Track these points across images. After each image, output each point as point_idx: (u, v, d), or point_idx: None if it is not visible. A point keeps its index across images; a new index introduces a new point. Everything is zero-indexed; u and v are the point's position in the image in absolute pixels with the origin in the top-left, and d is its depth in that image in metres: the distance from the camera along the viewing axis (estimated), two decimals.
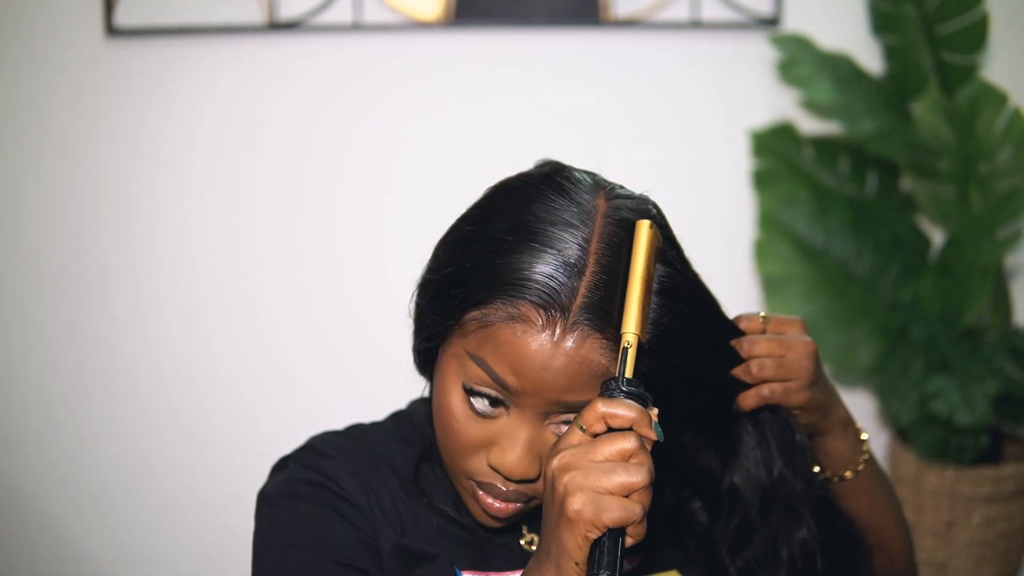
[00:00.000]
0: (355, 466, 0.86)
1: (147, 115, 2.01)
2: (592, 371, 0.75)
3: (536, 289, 0.74)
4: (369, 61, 2.02)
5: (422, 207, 2.03)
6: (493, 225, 0.79)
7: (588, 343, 0.74)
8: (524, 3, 1.99)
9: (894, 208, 2.06)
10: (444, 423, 0.80)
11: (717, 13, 2.01)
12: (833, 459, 0.93)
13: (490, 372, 0.76)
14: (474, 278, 0.77)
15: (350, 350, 2.09)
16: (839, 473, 0.94)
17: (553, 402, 0.76)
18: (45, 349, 2.08)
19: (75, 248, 2.05)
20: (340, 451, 0.87)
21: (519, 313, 0.74)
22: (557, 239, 0.76)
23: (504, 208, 0.80)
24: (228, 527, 2.07)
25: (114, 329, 2.08)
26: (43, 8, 1.97)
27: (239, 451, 2.08)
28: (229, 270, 2.08)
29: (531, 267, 0.75)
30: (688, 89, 2.06)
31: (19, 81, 2.00)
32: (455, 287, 0.78)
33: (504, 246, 0.76)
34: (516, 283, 0.75)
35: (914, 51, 1.93)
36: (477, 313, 0.76)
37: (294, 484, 0.84)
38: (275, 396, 2.10)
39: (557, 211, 0.77)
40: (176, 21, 1.96)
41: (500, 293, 0.75)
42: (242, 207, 2.06)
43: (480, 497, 0.81)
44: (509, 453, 0.78)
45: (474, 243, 0.79)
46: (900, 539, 1.01)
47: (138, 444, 2.10)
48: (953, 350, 1.90)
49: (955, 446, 1.91)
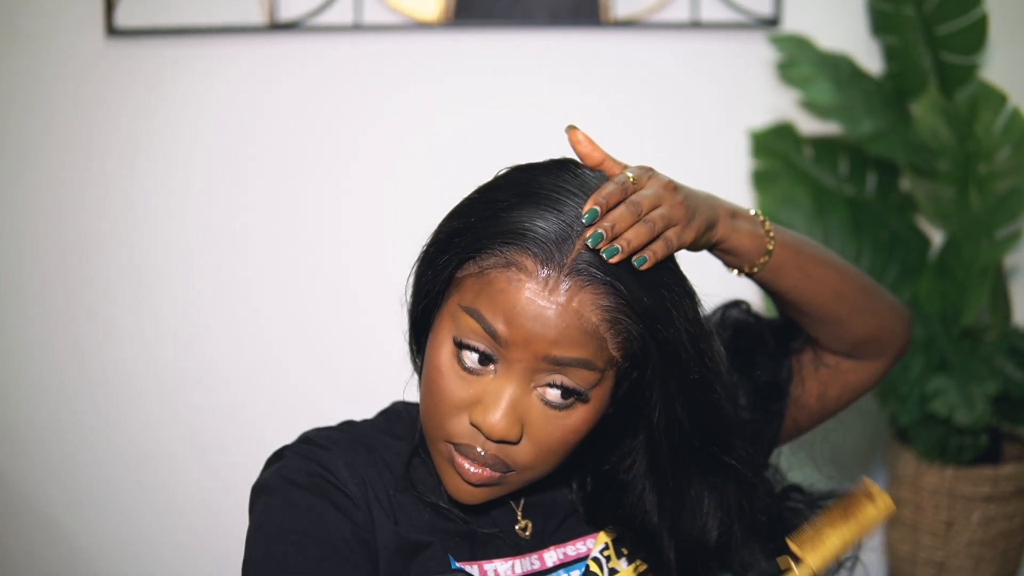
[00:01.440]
0: (350, 458, 0.86)
1: (147, 115, 2.02)
2: (582, 327, 0.75)
3: (533, 238, 0.76)
4: (369, 61, 2.02)
5: (422, 207, 2.02)
6: (496, 192, 0.81)
7: (580, 297, 0.75)
8: (524, 3, 1.99)
9: (893, 208, 2.06)
10: (431, 383, 0.80)
11: (717, 13, 2.02)
12: (741, 254, 0.89)
13: (482, 321, 0.77)
14: (473, 230, 0.78)
15: (350, 350, 2.10)
16: (756, 262, 0.90)
17: (541, 356, 0.76)
18: (44, 348, 2.08)
19: (75, 248, 2.06)
20: (335, 443, 0.87)
21: (515, 260, 0.76)
22: (559, 202, 0.78)
23: (510, 179, 0.83)
24: (226, 526, 2.06)
25: (114, 328, 2.08)
26: (43, 8, 1.97)
27: (238, 451, 2.07)
28: (229, 270, 2.08)
29: (531, 220, 0.77)
30: (688, 89, 2.06)
31: (19, 81, 2.00)
32: (455, 238, 0.80)
33: (506, 204, 0.79)
34: (514, 232, 0.76)
35: (913, 51, 1.94)
36: (474, 267, 0.78)
37: (289, 473, 0.84)
38: (274, 396, 2.10)
39: (562, 183, 0.80)
40: (176, 21, 1.97)
41: (498, 241, 0.77)
42: (242, 207, 2.06)
43: (457, 461, 0.80)
44: (492, 410, 0.77)
45: (476, 204, 0.81)
46: (852, 296, 0.96)
47: (137, 443, 2.11)
48: (952, 350, 1.90)
49: (954, 446, 1.91)
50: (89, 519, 2.13)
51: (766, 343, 1.01)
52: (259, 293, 2.08)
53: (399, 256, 0.88)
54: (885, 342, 1.00)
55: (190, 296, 2.08)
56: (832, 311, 0.95)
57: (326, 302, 2.09)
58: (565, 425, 0.79)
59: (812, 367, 1.01)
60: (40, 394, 2.09)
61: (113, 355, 2.08)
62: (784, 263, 0.91)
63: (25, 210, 2.04)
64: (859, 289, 0.97)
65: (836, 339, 0.98)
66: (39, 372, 2.09)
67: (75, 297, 2.07)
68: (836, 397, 1.02)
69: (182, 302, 2.08)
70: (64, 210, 2.04)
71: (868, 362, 1.01)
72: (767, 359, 1.00)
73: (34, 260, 2.06)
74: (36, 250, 2.06)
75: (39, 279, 2.06)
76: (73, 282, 2.06)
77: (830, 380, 1.01)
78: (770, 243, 0.90)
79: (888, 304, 1.01)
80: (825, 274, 0.94)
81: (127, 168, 2.03)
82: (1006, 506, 1.92)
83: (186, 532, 2.13)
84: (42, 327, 2.08)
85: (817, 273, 0.94)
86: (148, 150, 2.03)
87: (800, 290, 0.93)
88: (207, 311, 2.08)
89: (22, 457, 2.11)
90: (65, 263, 2.06)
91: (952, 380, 1.84)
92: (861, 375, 1.02)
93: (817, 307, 0.95)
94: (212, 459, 2.11)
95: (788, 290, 0.93)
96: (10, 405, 2.10)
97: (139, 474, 2.11)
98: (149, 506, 2.12)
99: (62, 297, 2.07)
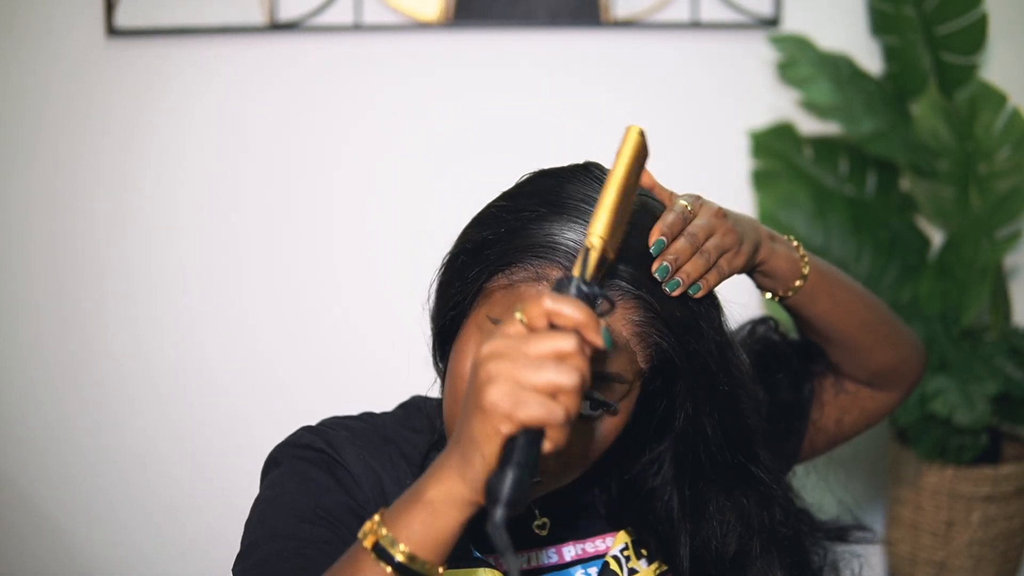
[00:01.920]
0: (362, 444, 0.87)
1: (147, 115, 2.01)
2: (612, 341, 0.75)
3: (564, 251, 0.76)
4: (369, 61, 2.02)
5: (422, 207, 2.03)
6: (525, 200, 0.81)
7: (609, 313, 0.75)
8: (524, 3, 1.99)
9: (893, 208, 2.06)
10: (455, 391, 0.79)
11: (717, 13, 2.02)
12: (778, 277, 0.91)
13: None
14: (504, 241, 0.78)
15: (343, 353, 2.09)
16: (791, 286, 0.92)
17: None
18: (38, 348, 2.08)
19: (75, 248, 2.05)
20: (348, 429, 0.88)
21: (545, 275, 0.76)
22: (588, 213, 0.77)
23: (537, 186, 0.82)
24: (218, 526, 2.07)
25: (107, 329, 2.08)
26: (43, 8, 1.97)
27: (230, 452, 2.07)
28: (228, 271, 2.08)
29: (561, 233, 0.77)
30: (688, 89, 2.06)
31: (19, 81, 2.00)
32: (485, 250, 0.79)
33: (535, 215, 0.78)
34: (544, 246, 0.76)
35: (913, 51, 1.94)
36: (503, 279, 0.78)
37: (297, 447, 0.86)
38: (266, 398, 2.09)
39: (589, 192, 0.79)
40: (176, 21, 1.97)
41: (528, 255, 0.77)
42: (242, 207, 2.06)
43: None
44: None
45: (505, 213, 0.81)
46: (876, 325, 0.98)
47: (130, 444, 2.10)
48: (952, 350, 1.90)
49: (954, 446, 1.91)
50: (81, 518, 2.12)
51: (790, 363, 1.02)
52: (259, 294, 2.08)
53: (398, 257, 0.88)
54: (903, 372, 1.03)
55: (191, 297, 2.08)
56: (857, 339, 0.97)
57: (322, 306, 2.09)
58: (593, 436, 0.79)
59: (832, 392, 1.02)
60: (31, 394, 2.09)
61: (105, 355, 2.08)
62: (816, 289, 0.93)
63: (25, 210, 2.04)
64: (882, 319, 1.00)
65: (858, 367, 1.00)
66: (31, 371, 2.08)
67: (75, 296, 2.06)
68: (853, 422, 1.04)
69: (183, 303, 2.08)
70: (64, 210, 2.04)
71: (885, 391, 1.03)
72: (790, 378, 1.01)
73: (33, 260, 2.06)
74: (35, 250, 2.05)
75: (38, 279, 2.06)
76: (71, 282, 2.06)
77: (849, 406, 1.03)
78: (805, 267, 0.92)
79: (906, 336, 1.03)
80: (853, 302, 0.96)
81: (127, 168, 2.03)
82: (1006, 506, 1.92)
83: (178, 531, 2.12)
84: (38, 327, 2.07)
85: (846, 301, 0.96)
86: (148, 150, 2.03)
87: (829, 317, 0.95)
88: (207, 311, 2.08)
89: (16, 457, 2.11)
90: (64, 263, 2.06)
91: (952, 380, 1.84)
92: (878, 403, 1.04)
93: (843, 334, 0.97)
94: (203, 460, 2.10)
95: (818, 316, 0.95)
96: (1, 405, 2.10)
97: (131, 474, 2.11)
98: (139, 505, 2.11)
99: (60, 297, 2.06)
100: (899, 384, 1.03)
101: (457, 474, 0.64)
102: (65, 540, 2.14)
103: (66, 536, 2.14)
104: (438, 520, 0.64)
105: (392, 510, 0.66)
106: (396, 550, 0.64)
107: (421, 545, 0.64)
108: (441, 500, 0.64)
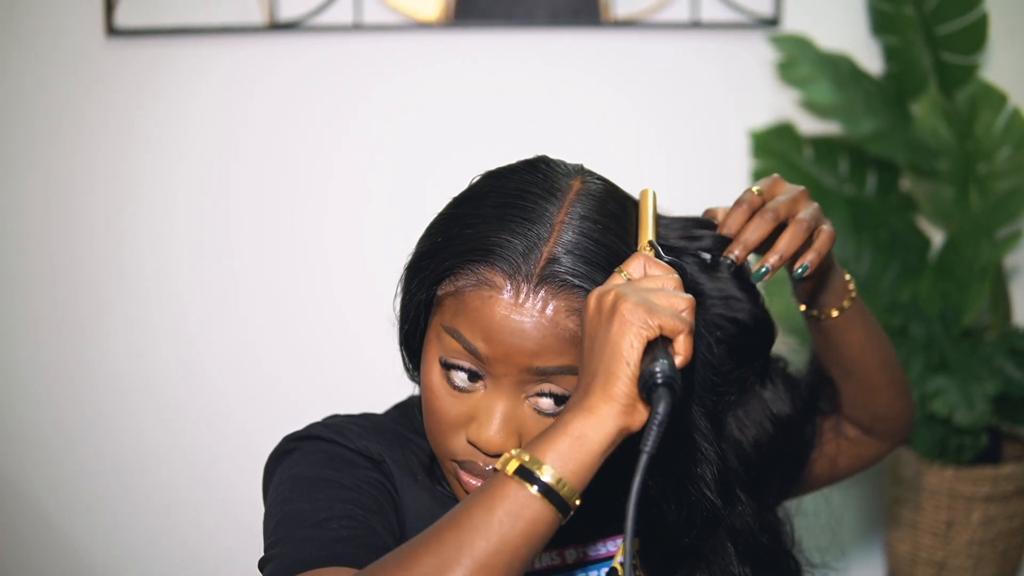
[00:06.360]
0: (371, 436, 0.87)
1: (147, 115, 2.01)
2: (559, 335, 0.75)
3: (500, 253, 0.76)
4: (369, 62, 2.02)
5: (422, 208, 2.03)
6: (467, 204, 0.82)
7: (554, 304, 0.75)
8: (524, 4, 1.99)
9: (893, 208, 2.06)
10: (427, 403, 0.81)
11: (717, 13, 2.02)
12: (830, 292, 0.93)
13: (462, 341, 0.77)
14: (445, 248, 0.79)
15: (338, 354, 2.09)
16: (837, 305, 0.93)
17: (524, 369, 0.76)
18: (34, 347, 2.08)
19: (74, 248, 2.05)
20: (359, 426, 0.88)
21: (486, 278, 0.76)
22: (525, 209, 0.78)
23: (481, 189, 0.83)
24: (216, 527, 2.07)
25: (104, 329, 2.08)
26: (43, 8, 1.97)
27: (227, 453, 2.07)
28: (226, 271, 2.07)
29: (497, 234, 0.77)
30: (688, 89, 2.06)
31: (19, 81, 1.99)
32: (425, 260, 0.80)
33: (475, 219, 0.79)
34: (482, 248, 0.77)
35: (914, 51, 1.94)
36: (450, 286, 0.78)
37: (307, 439, 0.86)
38: (261, 397, 2.09)
39: (530, 187, 0.80)
40: (176, 21, 1.96)
41: (467, 260, 0.77)
42: (241, 207, 2.06)
43: (462, 479, 0.81)
44: (486, 427, 0.77)
45: (448, 220, 0.82)
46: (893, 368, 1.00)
47: (128, 445, 2.10)
48: (952, 350, 1.90)
49: (954, 446, 1.91)
50: (80, 518, 2.12)
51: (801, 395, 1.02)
52: (257, 293, 2.08)
53: (397, 258, 0.88)
54: (900, 422, 1.04)
55: (189, 295, 2.08)
56: (875, 378, 0.98)
57: (324, 303, 2.09)
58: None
59: (832, 433, 1.03)
60: (29, 394, 2.09)
61: (101, 354, 2.08)
62: (856, 316, 0.94)
63: (23, 209, 2.04)
64: (896, 365, 1.01)
65: (865, 407, 1.01)
66: (28, 371, 2.08)
67: (74, 296, 2.06)
68: (845, 466, 1.05)
69: (181, 301, 2.08)
70: (63, 209, 2.04)
71: (878, 441, 1.04)
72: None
73: (32, 260, 2.05)
74: (35, 250, 2.05)
75: (37, 279, 2.06)
76: (70, 282, 2.06)
77: (845, 449, 1.03)
78: (853, 291, 0.93)
79: (908, 388, 1.04)
80: (880, 339, 0.98)
81: (126, 167, 2.03)
82: (1006, 506, 1.93)
83: (176, 532, 2.12)
84: (36, 326, 2.07)
85: (875, 336, 0.97)
86: (147, 150, 2.03)
87: (859, 348, 0.96)
88: (205, 310, 2.08)
89: (14, 457, 2.11)
90: (64, 263, 2.05)
91: (952, 380, 1.84)
92: (871, 451, 1.05)
93: (866, 370, 0.98)
94: (199, 459, 2.10)
95: (850, 344, 0.95)
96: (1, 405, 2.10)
97: (127, 474, 2.10)
98: (137, 505, 2.11)
99: (59, 297, 2.06)
100: (891, 436, 1.04)
101: (602, 395, 0.66)
102: (64, 540, 2.14)
103: (65, 536, 2.14)
104: (584, 445, 0.65)
105: (532, 443, 0.67)
106: (543, 471, 0.64)
107: (565, 468, 0.65)
108: (584, 425, 0.65)
